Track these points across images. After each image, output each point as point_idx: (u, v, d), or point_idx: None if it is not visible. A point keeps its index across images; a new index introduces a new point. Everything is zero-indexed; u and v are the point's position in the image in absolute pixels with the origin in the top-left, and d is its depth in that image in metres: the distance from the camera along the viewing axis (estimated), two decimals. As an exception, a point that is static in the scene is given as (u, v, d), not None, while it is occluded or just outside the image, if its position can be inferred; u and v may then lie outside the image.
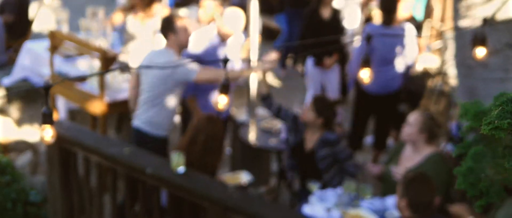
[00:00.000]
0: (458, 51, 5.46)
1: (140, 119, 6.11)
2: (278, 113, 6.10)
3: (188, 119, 6.62)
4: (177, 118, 6.23)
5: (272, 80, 10.36)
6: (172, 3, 12.26)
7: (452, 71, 7.74)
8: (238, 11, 6.62)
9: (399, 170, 5.33)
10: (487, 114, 3.90)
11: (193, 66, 5.97)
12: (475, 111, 4.14)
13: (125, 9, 7.68)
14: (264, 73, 6.13)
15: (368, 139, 8.24)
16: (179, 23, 6.06)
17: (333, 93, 8.27)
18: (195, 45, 6.59)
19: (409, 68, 7.54)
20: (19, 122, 8.68)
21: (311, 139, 5.85)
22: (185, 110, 6.84)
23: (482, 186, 3.90)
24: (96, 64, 7.05)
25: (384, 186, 5.61)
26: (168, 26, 6.09)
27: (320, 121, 5.78)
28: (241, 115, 7.37)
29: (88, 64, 7.57)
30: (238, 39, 6.80)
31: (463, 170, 3.93)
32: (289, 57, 10.67)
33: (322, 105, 5.79)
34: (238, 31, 6.60)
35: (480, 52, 5.13)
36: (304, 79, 8.98)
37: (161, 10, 7.74)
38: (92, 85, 6.95)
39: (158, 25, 7.52)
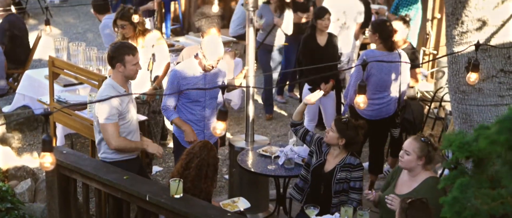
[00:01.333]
0: (452, 77, 5.44)
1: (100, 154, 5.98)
2: (304, 137, 6.13)
3: (179, 151, 6.52)
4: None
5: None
6: (168, 33, 12.38)
7: (447, 97, 7.68)
8: (217, 38, 6.57)
9: (393, 199, 5.27)
10: (471, 144, 3.94)
11: (104, 112, 5.77)
12: (460, 142, 4.06)
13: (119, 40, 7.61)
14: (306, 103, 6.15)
15: (364, 165, 8.09)
16: (128, 55, 5.82)
17: (329, 118, 8.27)
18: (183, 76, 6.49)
19: (404, 93, 7.59)
20: (19, 149, 8.65)
21: (332, 161, 5.85)
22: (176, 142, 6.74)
23: (467, 214, 3.91)
24: (95, 91, 6.91)
25: (382, 212, 5.53)
26: (117, 57, 5.86)
27: (343, 142, 5.74)
28: (239, 141, 7.38)
29: (87, 91, 7.52)
30: (223, 66, 6.70)
31: (448, 199, 3.94)
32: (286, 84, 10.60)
33: (344, 125, 5.75)
34: (218, 58, 6.46)
35: (474, 78, 5.14)
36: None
37: (154, 39, 7.81)
38: (91, 112, 6.90)
39: (150, 53, 7.71)
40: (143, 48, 7.63)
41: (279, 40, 9.92)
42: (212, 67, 6.39)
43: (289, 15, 9.78)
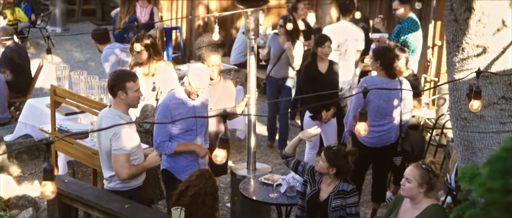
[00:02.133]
0: (454, 104, 5.41)
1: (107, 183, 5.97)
2: (296, 168, 6.08)
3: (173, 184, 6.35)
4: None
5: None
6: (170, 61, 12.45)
7: (448, 124, 7.65)
8: (203, 66, 6.63)
9: None
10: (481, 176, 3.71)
11: (123, 144, 5.75)
12: (472, 174, 3.75)
13: (131, 67, 7.89)
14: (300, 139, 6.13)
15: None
16: (129, 82, 5.79)
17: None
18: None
19: (406, 122, 7.53)
20: (20, 178, 8.63)
21: (326, 190, 5.79)
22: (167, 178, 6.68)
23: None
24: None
25: (385, 242, 5.29)
26: (118, 84, 5.80)
27: (333, 171, 5.70)
28: (240, 169, 7.33)
29: (89, 120, 7.53)
30: (204, 95, 6.71)
31: (456, 232, 3.79)
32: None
33: (333, 155, 5.69)
34: (203, 86, 6.48)
35: (477, 105, 5.09)
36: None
37: (158, 67, 7.84)
38: (93, 140, 6.88)
39: (157, 81, 7.74)
40: (153, 76, 7.67)
41: (291, 72, 9.73)
42: (197, 95, 6.40)
43: (299, 48, 9.64)
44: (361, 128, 5.13)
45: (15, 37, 10.18)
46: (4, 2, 14.38)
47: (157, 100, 7.54)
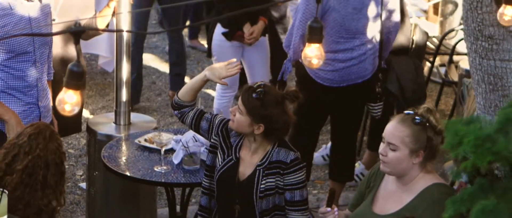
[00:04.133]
0: (470, 12, 4.60)
1: None
2: (197, 122, 5.12)
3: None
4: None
5: None
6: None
7: (462, 47, 7.30)
8: None
9: None
10: (497, 139, 3.44)
11: None
12: (476, 137, 3.40)
13: None
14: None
15: (319, 160, 7.56)
16: None
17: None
18: None
19: (387, 43, 6.87)
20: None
21: (250, 161, 5.02)
22: None
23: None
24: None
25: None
26: None
27: (260, 129, 4.87)
28: (104, 124, 6.53)
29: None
30: None
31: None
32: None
33: (257, 101, 4.86)
34: None
35: (508, 13, 4.54)
36: (211, 61, 8.34)
37: None
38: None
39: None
40: None
41: None
42: None
43: None
44: (313, 54, 4.84)
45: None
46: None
47: None
